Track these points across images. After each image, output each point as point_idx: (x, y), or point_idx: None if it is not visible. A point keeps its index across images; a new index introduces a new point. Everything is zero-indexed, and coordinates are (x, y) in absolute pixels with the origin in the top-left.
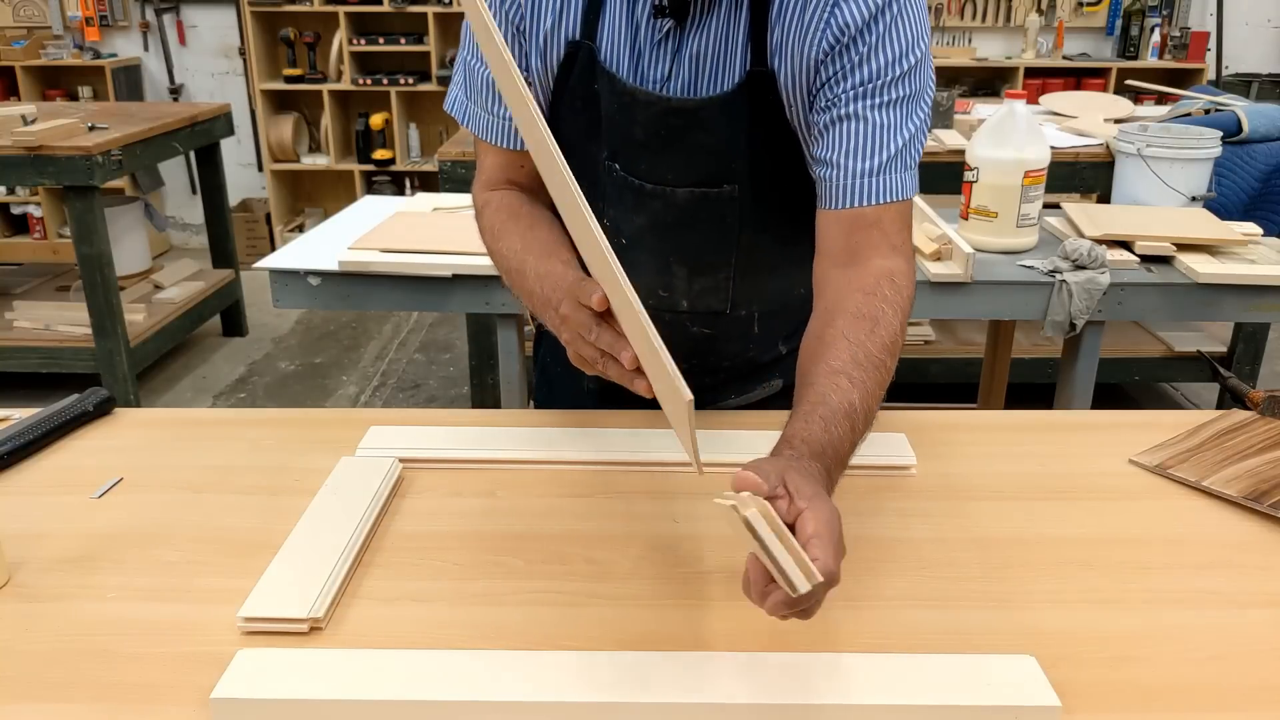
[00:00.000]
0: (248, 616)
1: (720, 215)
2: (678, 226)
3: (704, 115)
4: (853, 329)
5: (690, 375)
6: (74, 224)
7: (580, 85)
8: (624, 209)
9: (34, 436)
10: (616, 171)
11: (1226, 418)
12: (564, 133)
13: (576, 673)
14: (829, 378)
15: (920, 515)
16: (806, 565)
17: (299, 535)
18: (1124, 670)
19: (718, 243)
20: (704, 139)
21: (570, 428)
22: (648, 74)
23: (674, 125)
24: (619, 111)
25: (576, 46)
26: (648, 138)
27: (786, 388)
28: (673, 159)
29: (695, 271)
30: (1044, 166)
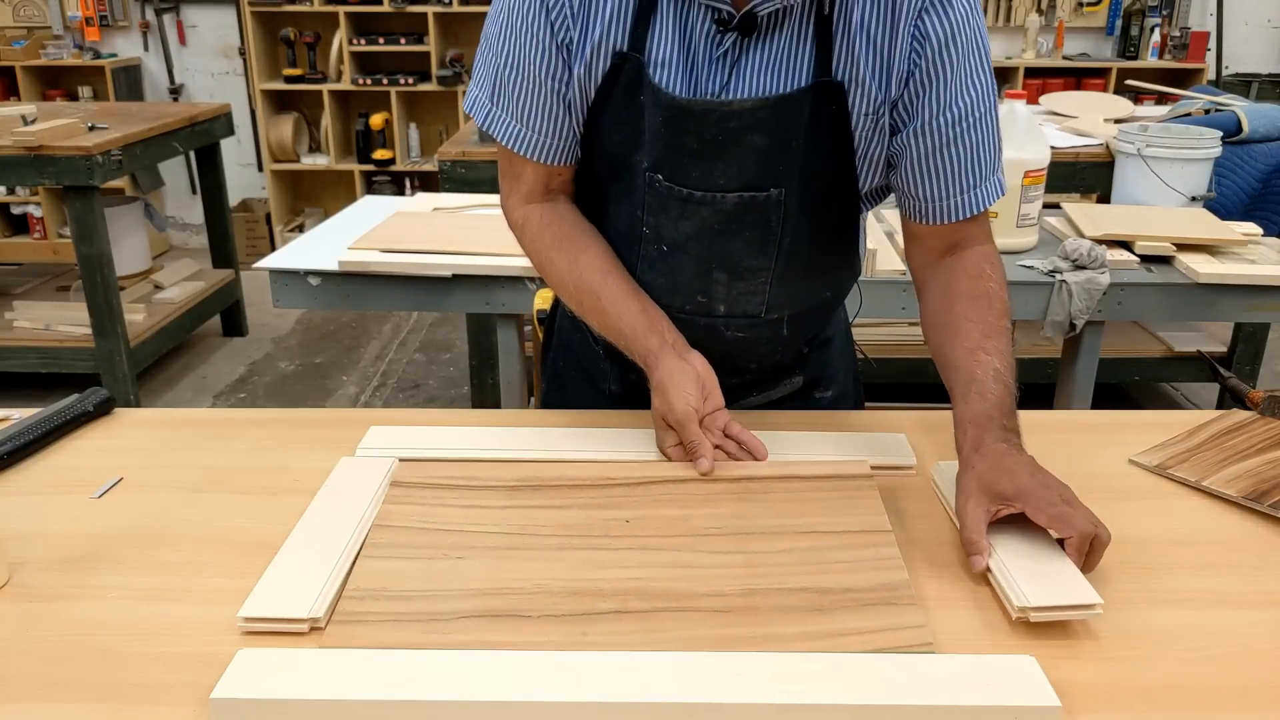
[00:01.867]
0: (248, 616)
1: (765, 219)
2: (723, 233)
3: (761, 116)
4: (972, 310)
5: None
6: (74, 224)
7: (624, 97)
8: (668, 217)
9: (34, 436)
10: (660, 182)
11: (1226, 418)
12: (605, 143)
13: (577, 673)
14: (968, 356)
15: (920, 515)
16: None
17: (299, 535)
18: (1124, 670)
19: (760, 248)
20: (758, 141)
21: (570, 428)
22: (703, 85)
23: (730, 129)
24: (665, 124)
25: (623, 59)
26: (701, 146)
27: (806, 384)
28: (725, 165)
29: (735, 277)
30: (1044, 166)
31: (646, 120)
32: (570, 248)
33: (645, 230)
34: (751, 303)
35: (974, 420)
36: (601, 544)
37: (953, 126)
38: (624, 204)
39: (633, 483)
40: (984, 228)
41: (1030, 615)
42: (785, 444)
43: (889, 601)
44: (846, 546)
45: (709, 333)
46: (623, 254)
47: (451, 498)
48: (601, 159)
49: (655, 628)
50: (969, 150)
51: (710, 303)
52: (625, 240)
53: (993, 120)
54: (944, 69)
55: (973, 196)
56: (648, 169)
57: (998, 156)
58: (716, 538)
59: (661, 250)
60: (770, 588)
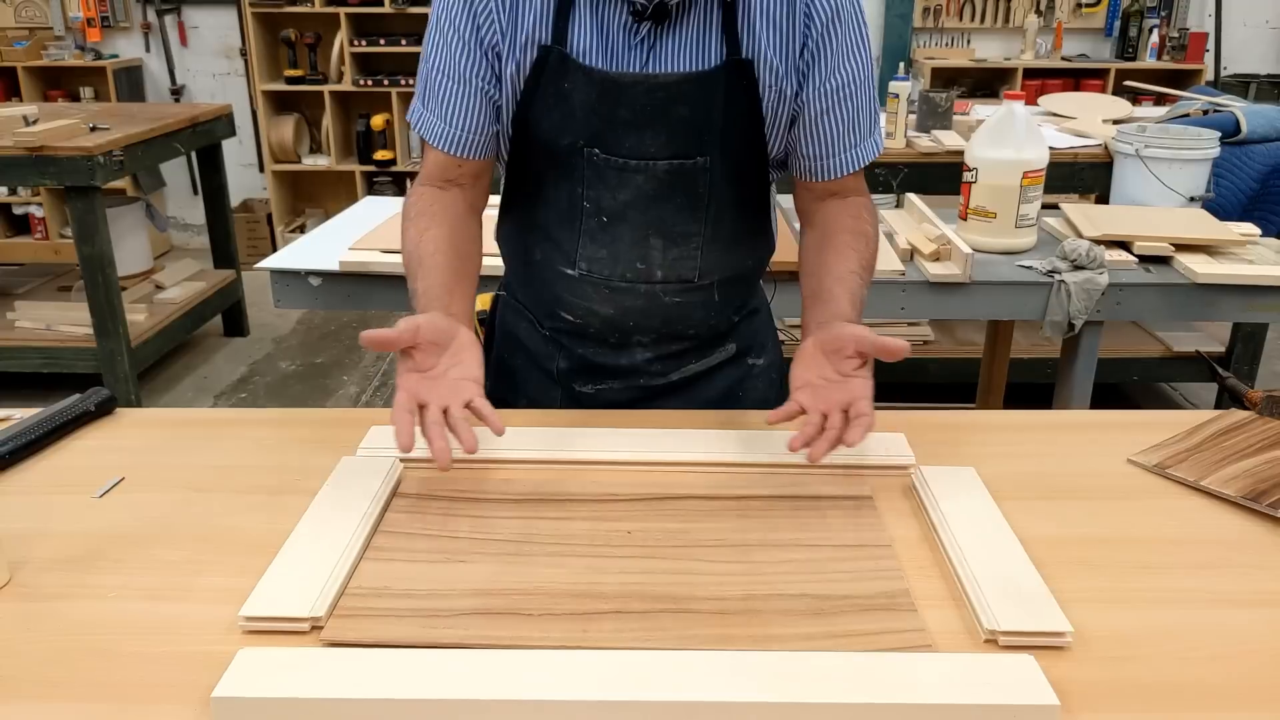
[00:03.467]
0: (249, 616)
1: (694, 185)
2: (657, 199)
3: (685, 89)
4: (855, 243)
5: (660, 343)
6: (75, 224)
7: (551, 84)
8: (606, 188)
9: (35, 436)
10: (597, 155)
11: (1225, 418)
12: (538, 131)
13: (577, 672)
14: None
15: (919, 515)
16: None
17: (300, 535)
18: (1124, 670)
19: (690, 213)
20: (683, 111)
21: (571, 428)
22: (623, 69)
23: (657, 99)
24: (599, 99)
25: (547, 50)
26: (633, 115)
27: (739, 351)
28: (654, 134)
29: (670, 242)
30: (1043, 167)
31: (577, 101)
32: (426, 222)
33: (586, 205)
34: (686, 267)
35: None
36: (603, 552)
37: (836, 93)
38: (563, 185)
39: (634, 498)
40: (861, 181)
41: (999, 639)
42: (785, 444)
43: (888, 607)
44: (846, 559)
45: (649, 300)
46: (564, 233)
47: (456, 508)
48: (536, 146)
49: (655, 627)
50: (849, 115)
51: (649, 269)
52: (566, 219)
53: (870, 88)
54: (829, 42)
55: (852, 155)
56: (584, 145)
57: (875, 121)
58: (717, 548)
59: (602, 222)
60: (770, 593)
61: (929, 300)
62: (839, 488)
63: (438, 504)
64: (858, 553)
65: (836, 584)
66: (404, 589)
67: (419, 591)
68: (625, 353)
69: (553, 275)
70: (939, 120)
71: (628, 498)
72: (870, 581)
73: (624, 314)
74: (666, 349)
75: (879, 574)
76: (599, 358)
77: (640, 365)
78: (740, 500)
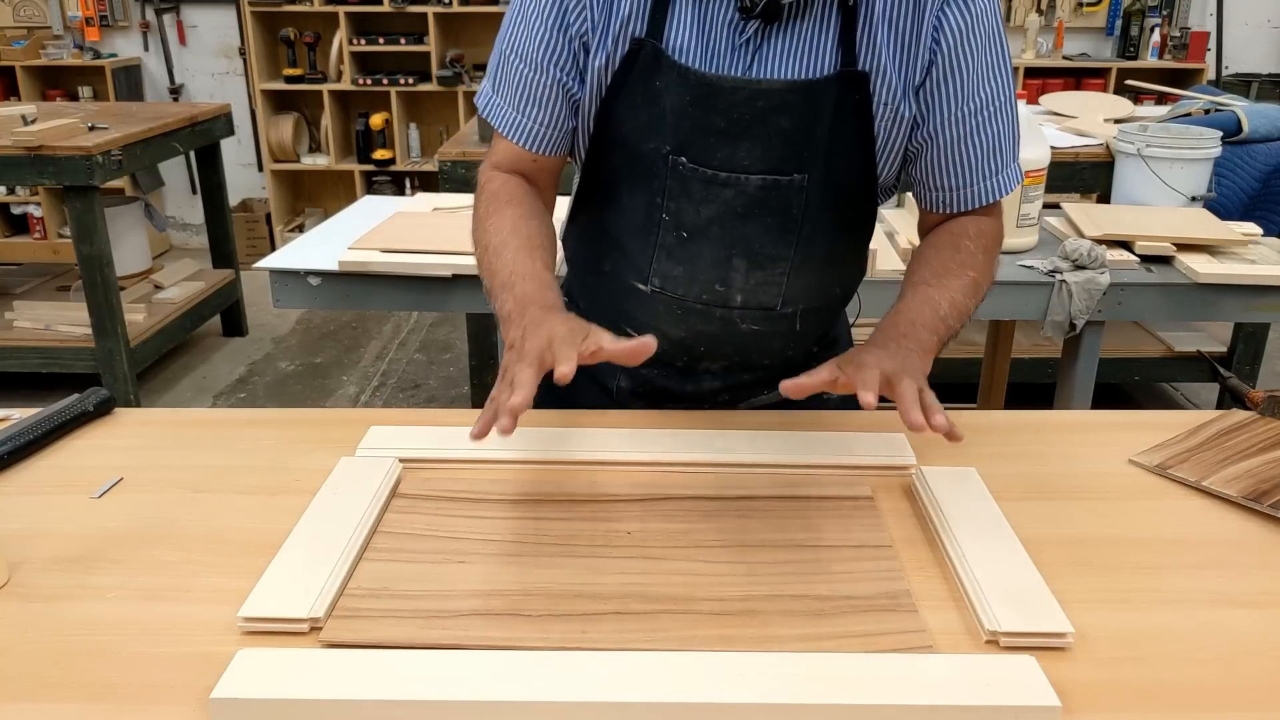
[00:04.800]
0: (248, 616)
1: (787, 205)
2: (745, 217)
3: (790, 99)
4: (935, 255)
5: (731, 372)
6: (74, 224)
7: (641, 82)
8: (689, 201)
9: (34, 436)
10: (684, 165)
11: (1226, 418)
12: (621, 130)
13: (578, 673)
14: (911, 287)
15: (919, 515)
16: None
17: (299, 535)
18: (1124, 670)
19: (780, 235)
20: (784, 123)
21: (571, 428)
22: (724, 71)
23: (758, 109)
24: (693, 103)
25: (640, 44)
26: (728, 124)
27: None
28: (750, 146)
29: (754, 265)
30: (1044, 166)
31: (668, 103)
32: (518, 210)
33: (664, 217)
34: (768, 294)
35: (880, 328)
36: (603, 552)
37: (974, 117)
38: (640, 193)
39: (634, 498)
40: (991, 211)
41: (1000, 639)
42: (785, 444)
43: (889, 608)
44: (847, 559)
45: (724, 325)
46: (638, 245)
47: (456, 509)
48: (616, 148)
49: (655, 627)
50: (989, 141)
51: (728, 292)
52: (641, 230)
53: (1011, 110)
54: (965, 60)
55: (990, 184)
56: (670, 152)
57: (1016, 146)
58: (718, 549)
59: (680, 237)
60: (771, 594)
61: None
62: (839, 488)
63: (437, 504)
64: (858, 553)
65: (837, 585)
66: (403, 590)
67: (418, 592)
68: (692, 379)
69: (622, 289)
70: None
71: (628, 498)
72: (871, 582)
73: (695, 338)
74: (737, 379)
75: (880, 574)
76: (663, 380)
77: (706, 393)
78: (740, 500)
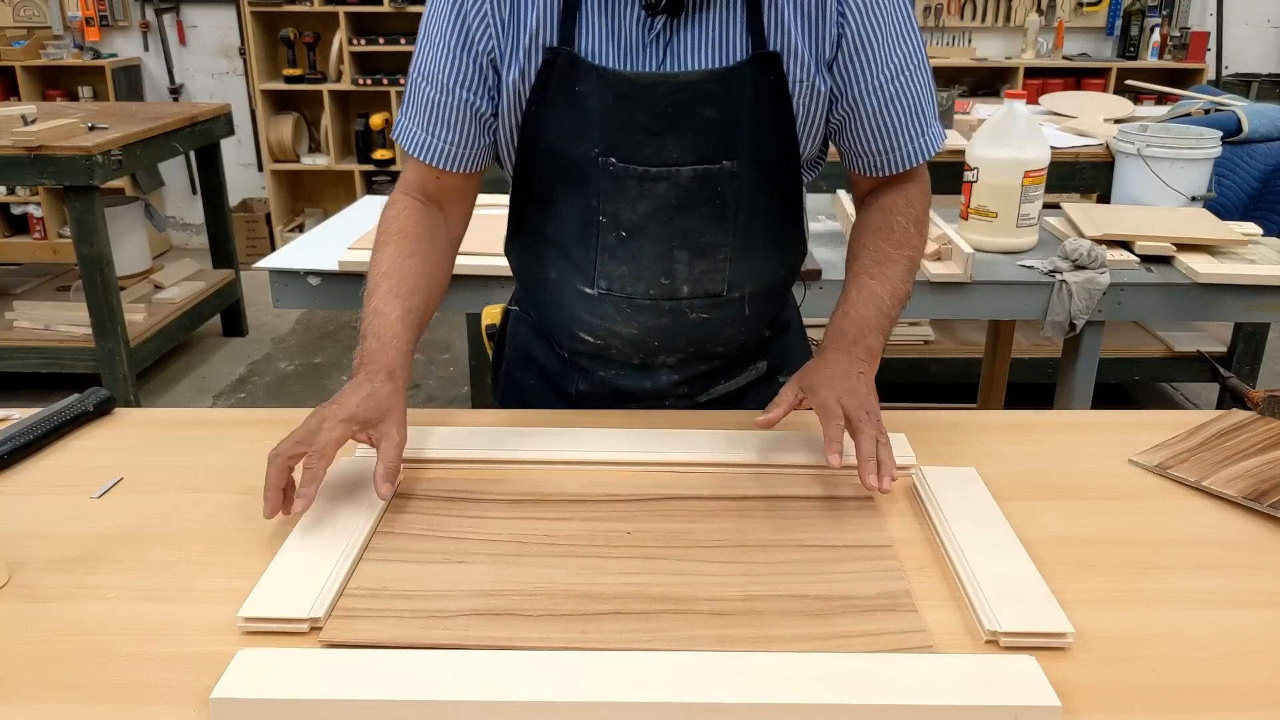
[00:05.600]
0: (248, 616)
1: (720, 193)
2: (681, 209)
3: (709, 88)
4: (871, 239)
5: (688, 364)
6: (74, 224)
7: (561, 89)
8: (625, 200)
9: (34, 436)
10: (614, 164)
11: (1226, 418)
12: (547, 137)
13: (577, 673)
14: (853, 279)
15: (920, 515)
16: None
17: (298, 536)
18: (1124, 670)
19: (717, 222)
20: (708, 113)
21: (571, 428)
22: (639, 68)
23: (680, 100)
24: (616, 103)
25: (554, 53)
26: (653, 120)
27: (771, 369)
28: (677, 138)
29: (696, 254)
30: (1044, 166)
31: (591, 106)
32: (408, 246)
33: (602, 219)
34: (714, 281)
35: (830, 334)
36: (603, 552)
37: (890, 83)
38: (575, 198)
39: (635, 498)
40: (919, 173)
41: (1000, 639)
42: (785, 444)
43: (889, 608)
44: (846, 559)
45: (674, 317)
46: (580, 250)
47: (455, 509)
48: (546, 157)
49: (655, 627)
50: (907, 104)
51: (674, 284)
52: (581, 234)
53: (926, 73)
54: (873, 30)
55: (916, 146)
56: (600, 154)
57: (934, 108)
58: (717, 549)
59: (620, 237)
60: (770, 594)
61: (930, 300)
62: (839, 488)
63: (437, 504)
64: (858, 553)
65: (837, 585)
66: (403, 590)
67: (418, 592)
68: (649, 374)
69: (570, 295)
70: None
71: (627, 498)
72: (871, 582)
73: (648, 333)
74: (694, 370)
75: (879, 574)
76: (621, 380)
77: (665, 389)
78: (740, 500)
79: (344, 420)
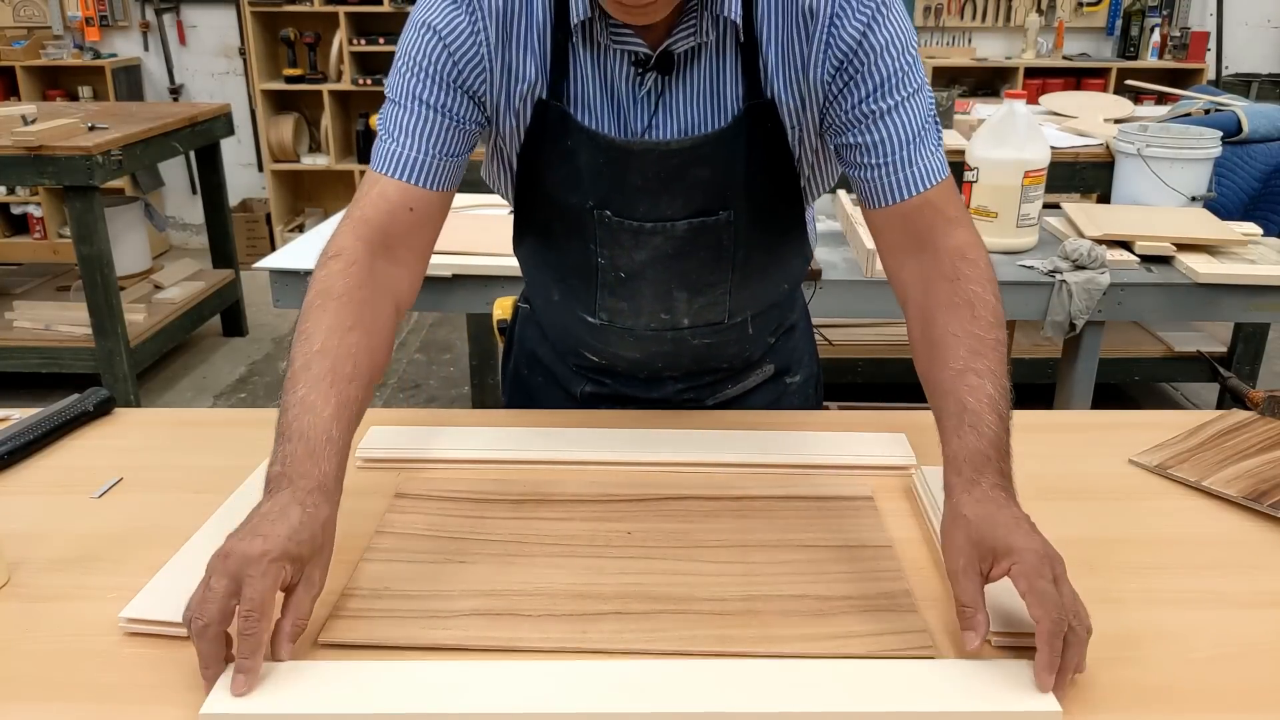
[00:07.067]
0: (130, 618)
1: (717, 240)
2: (678, 256)
3: (703, 152)
4: (955, 323)
5: (693, 375)
6: (74, 224)
7: (554, 143)
8: (621, 249)
9: (34, 436)
10: (609, 218)
11: (1226, 418)
12: (542, 184)
13: (577, 682)
14: (957, 379)
15: (920, 516)
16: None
17: (202, 536)
18: (1124, 670)
19: (714, 264)
20: (702, 174)
21: (571, 428)
22: (631, 125)
23: (672, 165)
24: (608, 164)
25: (544, 107)
26: (645, 183)
27: (778, 370)
28: (670, 198)
29: (695, 293)
30: (1044, 166)
31: (584, 161)
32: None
33: (600, 261)
34: (714, 312)
35: (969, 459)
36: (603, 553)
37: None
38: (574, 239)
39: (634, 498)
40: (946, 213)
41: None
42: (785, 444)
43: (889, 608)
44: (846, 559)
45: (677, 344)
46: (580, 283)
47: (456, 509)
48: (543, 201)
49: (655, 628)
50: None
51: (674, 318)
52: (581, 271)
53: (922, 104)
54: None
55: (912, 171)
56: (594, 206)
57: (935, 140)
58: (717, 549)
59: (619, 277)
60: (771, 594)
61: None
62: (839, 488)
63: (437, 504)
64: (858, 553)
65: (837, 584)
66: (403, 590)
67: (418, 592)
68: (655, 386)
69: (573, 319)
70: (940, 119)
71: (628, 498)
72: (871, 582)
73: (651, 357)
74: (699, 380)
75: (880, 574)
76: (628, 389)
77: (671, 396)
78: (740, 500)
79: (275, 560)
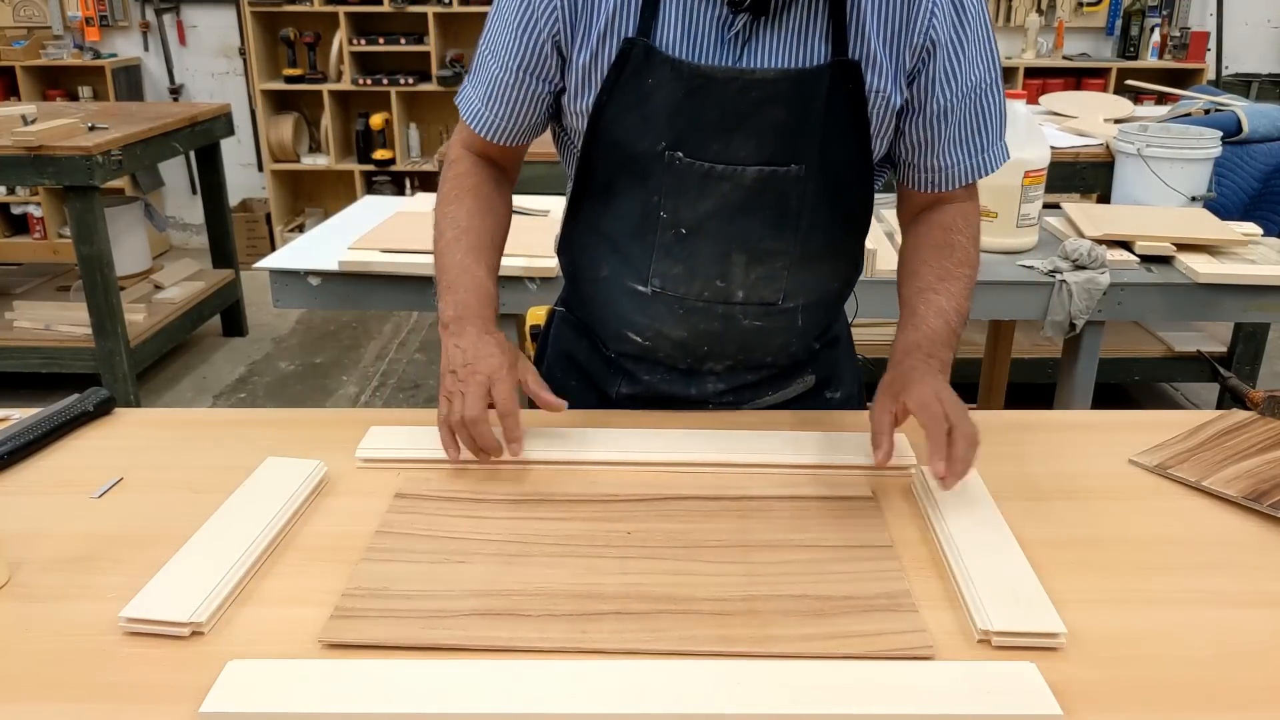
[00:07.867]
0: (130, 617)
1: (784, 197)
2: (743, 210)
3: (783, 88)
4: (934, 256)
5: (735, 372)
6: (74, 224)
7: (633, 81)
8: (686, 198)
9: (34, 436)
10: (679, 159)
11: (1226, 418)
12: (612, 132)
13: (576, 683)
14: (918, 295)
15: (919, 515)
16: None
17: (203, 535)
18: (1124, 670)
19: (778, 228)
20: (778, 114)
21: (570, 428)
22: (713, 64)
23: (751, 99)
24: (687, 96)
25: (631, 43)
26: (722, 116)
27: (819, 382)
28: (744, 137)
29: (754, 259)
30: (1044, 166)
31: (661, 99)
32: (481, 204)
33: (662, 214)
34: (769, 289)
35: (903, 346)
36: (603, 553)
37: (968, 99)
38: (636, 192)
39: (635, 498)
40: (969, 189)
41: (992, 639)
42: (785, 444)
43: (889, 609)
44: (847, 559)
45: (726, 322)
46: (636, 246)
47: (456, 509)
48: (611, 152)
49: (655, 627)
50: (981, 121)
51: (729, 288)
52: (639, 230)
53: (999, 91)
54: (959, 46)
55: (979, 161)
56: (666, 147)
57: (1003, 124)
58: (717, 549)
59: (679, 234)
60: (771, 594)
61: None
62: (839, 488)
63: (437, 504)
64: (858, 553)
65: (837, 585)
66: (403, 590)
67: (418, 592)
68: (695, 381)
69: (622, 292)
70: None
71: (628, 498)
72: (871, 582)
73: (698, 337)
74: (740, 379)
75: (880, 575)
76: (666, 385)
77: (710, 396)
78: (740, 500)
79: (512, 369)
